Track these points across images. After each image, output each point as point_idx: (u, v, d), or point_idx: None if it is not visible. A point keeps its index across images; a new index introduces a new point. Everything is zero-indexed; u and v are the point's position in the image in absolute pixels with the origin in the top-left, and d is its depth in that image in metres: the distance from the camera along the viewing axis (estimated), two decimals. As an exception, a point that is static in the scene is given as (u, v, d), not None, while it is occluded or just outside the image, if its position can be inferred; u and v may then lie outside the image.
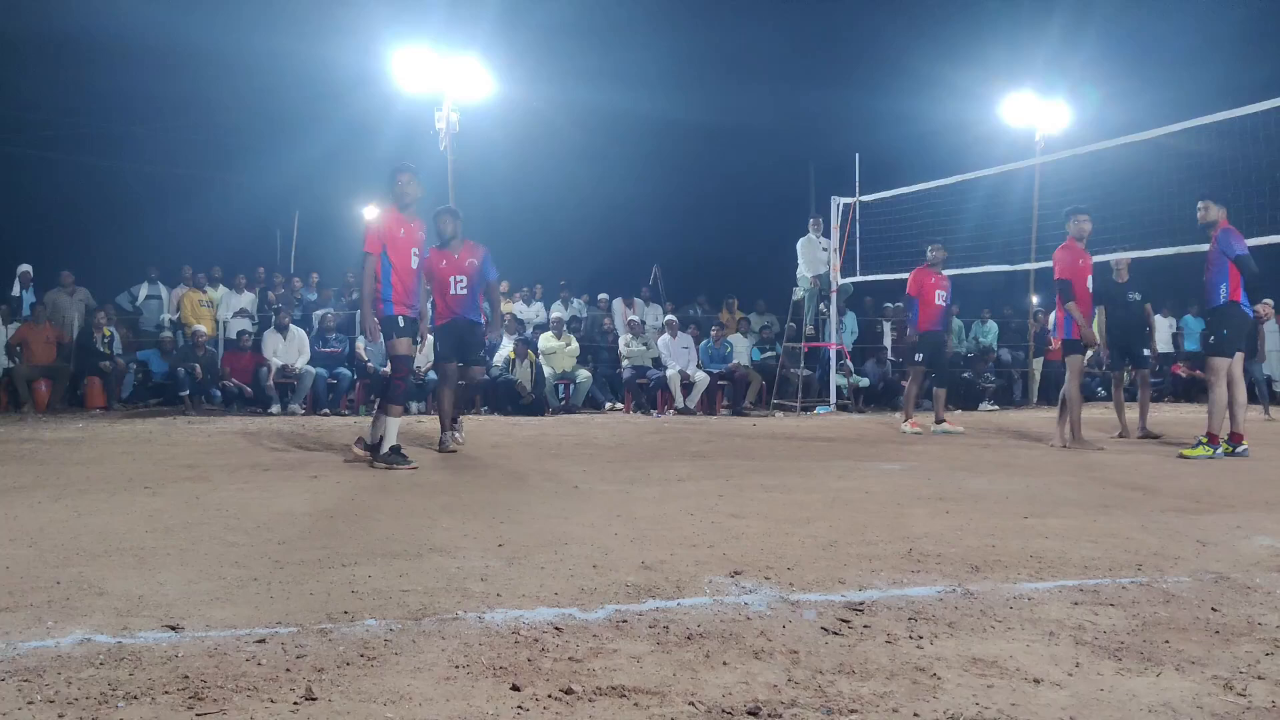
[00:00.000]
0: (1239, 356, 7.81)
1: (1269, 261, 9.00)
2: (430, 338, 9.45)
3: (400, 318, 6.83)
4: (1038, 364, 16.51)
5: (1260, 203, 8.54)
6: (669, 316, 14.75)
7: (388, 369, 7.61)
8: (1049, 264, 8.84)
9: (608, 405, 14.05)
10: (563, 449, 8.05)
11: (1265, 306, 7.71)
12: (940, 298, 10.45)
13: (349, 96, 19.35)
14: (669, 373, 13.58)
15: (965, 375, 15.28)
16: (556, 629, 2.66)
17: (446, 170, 14.46)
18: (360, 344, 13.18)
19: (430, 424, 9.45)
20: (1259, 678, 2.34)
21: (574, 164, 23.56)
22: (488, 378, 13.22)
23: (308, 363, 12.96)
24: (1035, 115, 16.82)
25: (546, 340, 13.82)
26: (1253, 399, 12.41)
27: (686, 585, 3.16)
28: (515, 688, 2.21)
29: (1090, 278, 8.60)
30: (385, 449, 6.60)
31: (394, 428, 6.67)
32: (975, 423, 11.47)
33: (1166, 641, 2.61)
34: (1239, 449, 7.60)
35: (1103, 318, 10.06)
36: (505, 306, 15.48)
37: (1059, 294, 8.60)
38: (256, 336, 13.66)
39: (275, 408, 12.62)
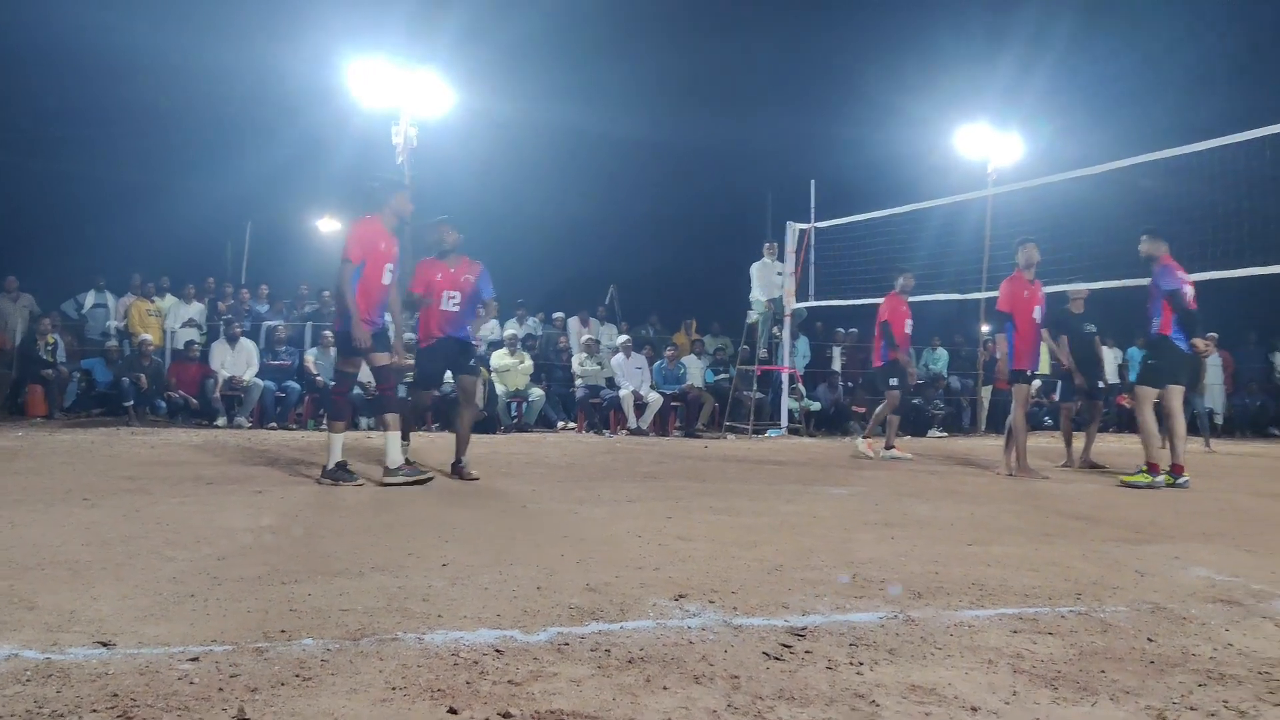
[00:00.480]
0: (1178, 390, 7.92)
1: (1214, 296, 9.21)
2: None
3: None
4: (986, 392, 16.71)
5: (1204, 239, 8.73)
6: (624, 337, 14.77)
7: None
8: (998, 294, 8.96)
9: (560, 424, 14.02)
10: (513, 467, 8.01)
11: (1203, 342, 7.81)
12: (908, 325, 10.57)
13: (305, 108, 19.23)
14: (622, 393, 13.58)
15: (915, 402, 15.41)
16: (497, 651, 2.63)
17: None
18: (310, 357, 13.05)
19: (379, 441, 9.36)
20: (1191, 709, 2.37)
21: (534, 181, 23.54)
22: (439, 394, 13.15)
23: (256, 375, 12.80)
24: (989, 147, 17.08)
25: (500, 357, 13.76)
26: (1194, 431, 12.66)
27: (630, 608, 3.15)
28: (452, 710, 2.19)
29: (1039, 308, 8.71)
30: (330, 465, 6.49)
31: (338, 444, 6.56)
32: (924, 449, 11.58)
33: (1102, 671, 2.64)
34: (1180, 480, 7.71)
35: (1065, 346, 10.15)
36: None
37: (1002, 321, 8.74)
38: (205, 347, 13.47)
39: (221, 420, 12.45)
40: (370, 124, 15.24)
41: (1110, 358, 17.92)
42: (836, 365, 16.30)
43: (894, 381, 10.46)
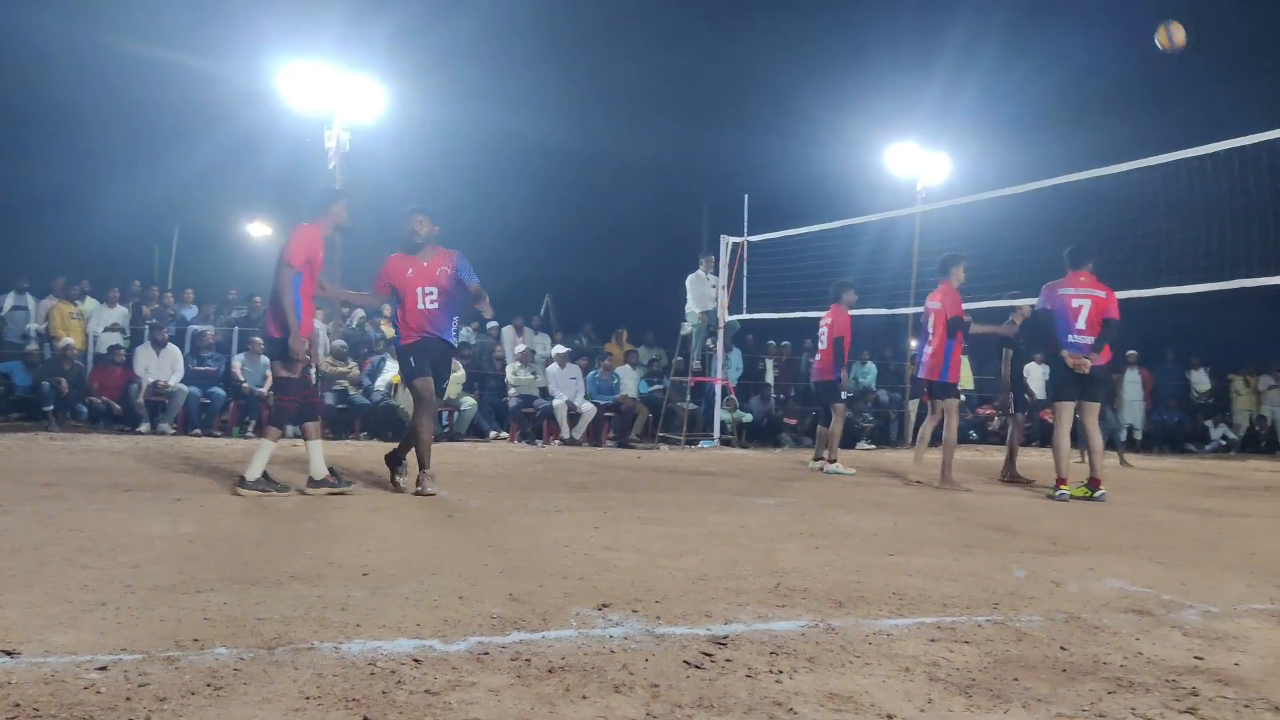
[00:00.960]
0: (1094, 406, 8.08)
1: (1133, 315, 9.47)
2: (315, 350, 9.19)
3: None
4: (914, 405, 16.96)
5: (1122, 259, 8.97)
6: (559, 347, 14.74)
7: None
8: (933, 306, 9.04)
9: (492, 434, 13.93)
10: (442, 477, 7.91)
11: (1072, 357, 7.96)
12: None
13: (236, 111, 18.89)
14: (556, 403, 13.54)
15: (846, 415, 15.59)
16: (415, 660, 2.60)
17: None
18: (237, 363, 12.83)
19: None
20: (1100, 716, 2.42)
21: (469, 189, 23.44)
22: (368, 402, 13.00)
23: (181, 381, 12.54)
24: (918, 165, 17.38)
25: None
26: (1112, 446, 12.99)
27: (553, 617, 3.13)
28: (366, 720, 2.16)
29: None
30: (253, 475, 6.21)
31: (267, 452, 6.37)
32: (851, 461, 11.70)
33: (1016, 679, 2.68)
34: (1096, 494, 7.89)
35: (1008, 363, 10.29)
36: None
37: (949, 331, 8.69)
38: (129, 352, 13.15)
39: (144, 426, 12.17)
40: (303, 127, 15.06)
41: (1037, 372, 18.33)
42: (769, 378, 16.43)
43: (845, 395, 10.57)
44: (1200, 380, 19.17)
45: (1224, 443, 18.34)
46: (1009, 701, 2.49)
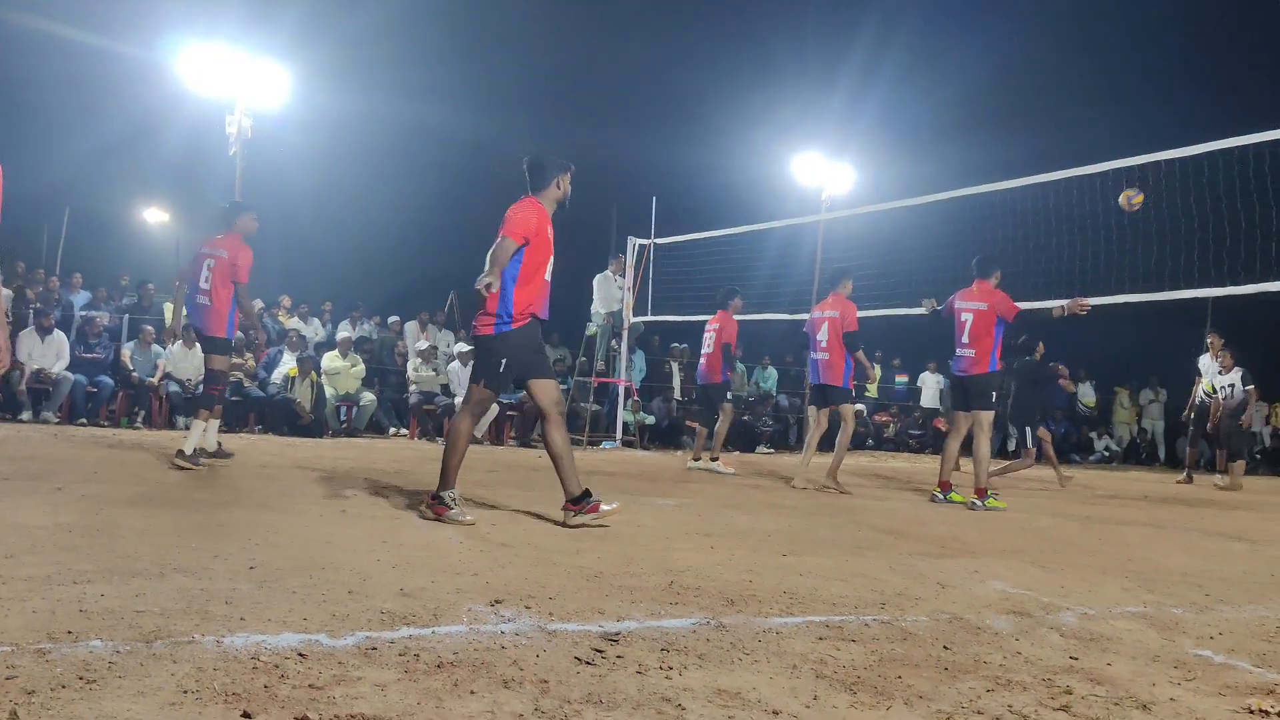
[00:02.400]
0: (984, 415, 8.23)
1: (1023, 328, 9.77)
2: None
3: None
4: (813, 410, 17.22)
5: (1014, 272, 9.24)
6: (460, 345, 14.59)
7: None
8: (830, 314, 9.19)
9: (392, 430, 13.74)
10: (337, 473, 7.79)
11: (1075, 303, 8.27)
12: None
13: (131, 91, 18.28)
14: (457, 400, 13.40)
15: (745, 418, 15.77)
16: (300, 655, 2.55)
17: (235, 176, 13.87)
18: (127, 351, 12.43)
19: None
20: (978, 713, 2.48)
21: (376, 181, 23.08)
22: (264, 395, 12.71)
23: (66, 368, 12.09)
24: (823, 175, 17.66)
25: (331, 360, 13.40)
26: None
27: (444, 613, 3.10)
28: (246, 715, 2.11)
29: None
30: (189, 450, 7.42)
31: (200, 431, 7.67)
32: (751, 464, 11.84)
33: (899, 677, 2.75)
34: (980, 502, 7.94)
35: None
36: (286, 321, 14.95)
37: (848, 343, 8.89)
38: (11, 337, 12.60)
39: (26, 414, 11.69)
40: (203, 111, 14.66)
41: (931, 382, 18.82)
42: (674, 380, 16.52)
43: (730, 396, 10.69)
44: (1086, 393, 19.86)
45: (1107, 454, 19.02)
46: (892, 698, 2.55)
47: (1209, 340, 13.29)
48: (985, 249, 8.85)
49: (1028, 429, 11.00)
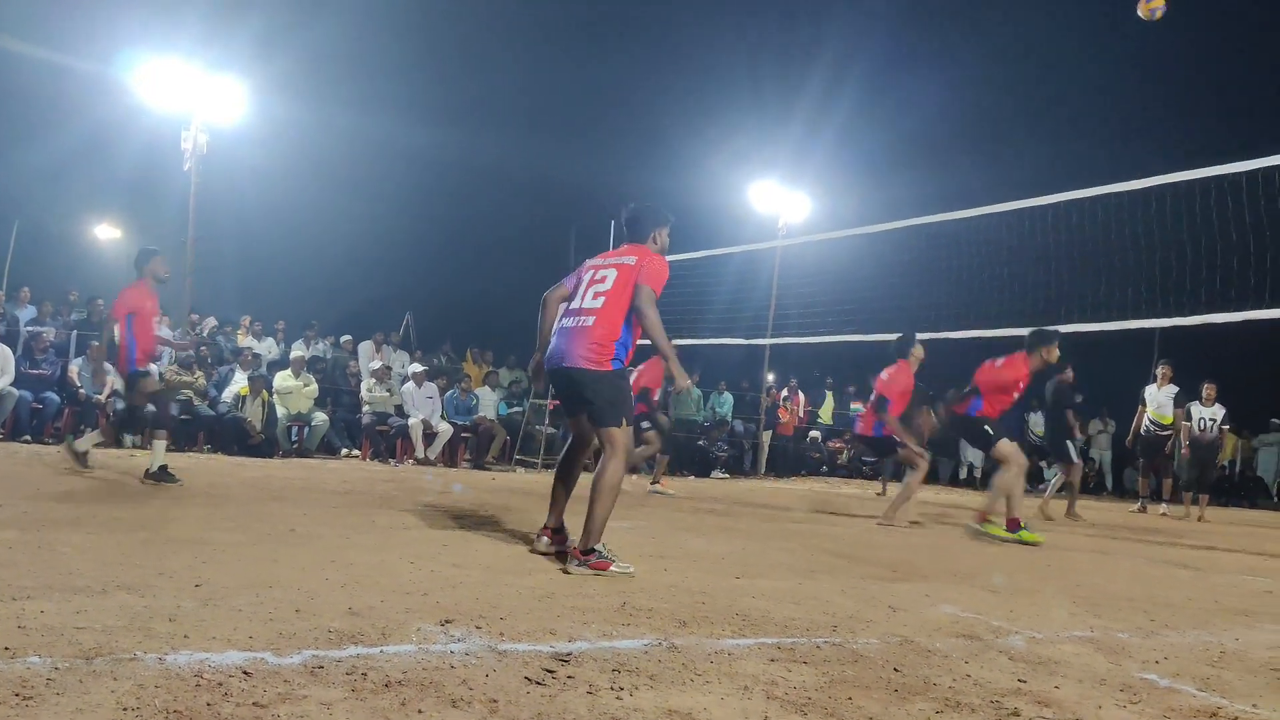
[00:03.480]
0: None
1: (975, 355, 9.88)
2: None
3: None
4: (768, 436, 17.31)
5: (967, 300, 9.39)
6: (415, 365, 14.49)
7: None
8: (787, 340, 9.27)
9: (344, 451, 13.58)
10: (287, 492, 7.69)
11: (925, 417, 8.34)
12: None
13: (85, 106, 18.04)
14: (411, 422, 13.31)
15: (700, 443, 15.79)
16: (245, 673, 2.51)
17: (190, 192, 13.73)
18: (74, 368, 12.21)
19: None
20: (927, 733, 2.50)
21: (333, 200, 22.95)
22: (214, 414, 12.53)
23: (11, 384, 11.83)
24: (779, 202, 17.81)
25: (283, 379, 13.24)
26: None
27: (393, 632, 3.06)
28: (187, 733, 2.07)
29: None
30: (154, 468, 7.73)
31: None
32: (706, 490, 11.86)
33: (850, 699, 2.75)
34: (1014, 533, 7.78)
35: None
36: (240, 340, 14.78)
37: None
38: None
39: (-33, 430, 11.44)
40: (158, 126, 14.51)
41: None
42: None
43: (645, 425, 10.68)
44: (1037, 422, 20.08)
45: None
46: (842, 719, 2.55)
47: (1159, 370, 13.43)
48: (937, 277, 8.94)
49: (1069, 444, 11.05)
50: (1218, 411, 13.16)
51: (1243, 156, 8.13)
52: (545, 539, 5.24)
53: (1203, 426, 13.11)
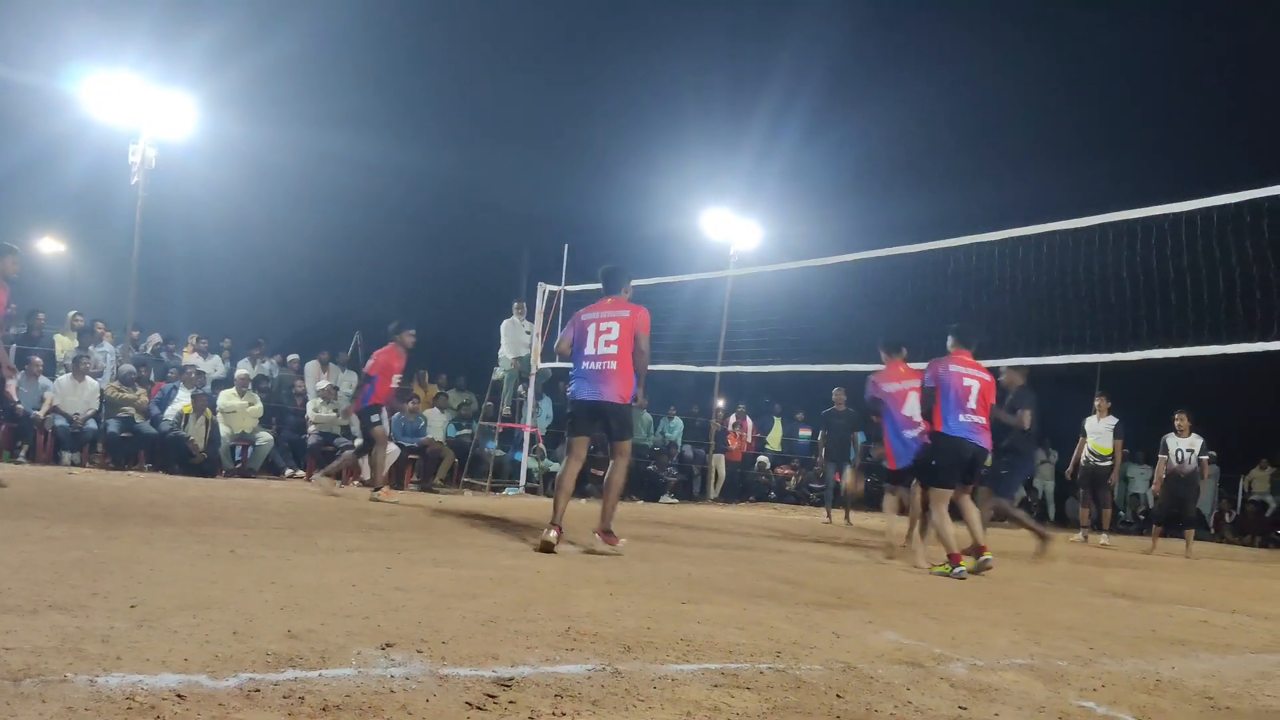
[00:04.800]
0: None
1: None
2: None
3: None
4: (718, 460, 17.35)
5: (916, 332, 9.50)
6: (365, 386, 14.34)
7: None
8: (737, 368, 9.29)
9: (288, 471, 13.40)
10: (228, 513, 7.57)
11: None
12: (396, 380, 11.09)
13: (31, 120, 17.73)
14: (358, 443, 13.15)
15: (650, 468, 15.79)
16: (179, 696, 2.45)
17: (137, 207, 13.54)
18: (11, 385, 11.94)
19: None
20: (867, 759, 2.50)
21: (283, 216, 22.74)
22: (155, 432, 12.31)
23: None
24: (731, 231, 17.95)
25: (227, 398, 13.06)
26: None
27: (332, 656, 3.02)
28: (116, 757, 2.02)
29: None
30: None
31: None
32: (654, 514, 11.83)
33: (791, 724, 2.75)
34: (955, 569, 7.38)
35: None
36: (185, 357, 14.56)
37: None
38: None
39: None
40: (106, 140, 14.31)
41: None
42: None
43: (375, 419, 10.72)
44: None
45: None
46: (784, 745, 2.56)
47: (1097, 402, 13.62)
48: (884, 309, 9.01)
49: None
50: (1195, 442, 12.83)
51: (1182, 197, 8.35)
52: (554, 533, 6.69)
53: (1181, 458, 12.83)
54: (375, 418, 10.67)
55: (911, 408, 8.14)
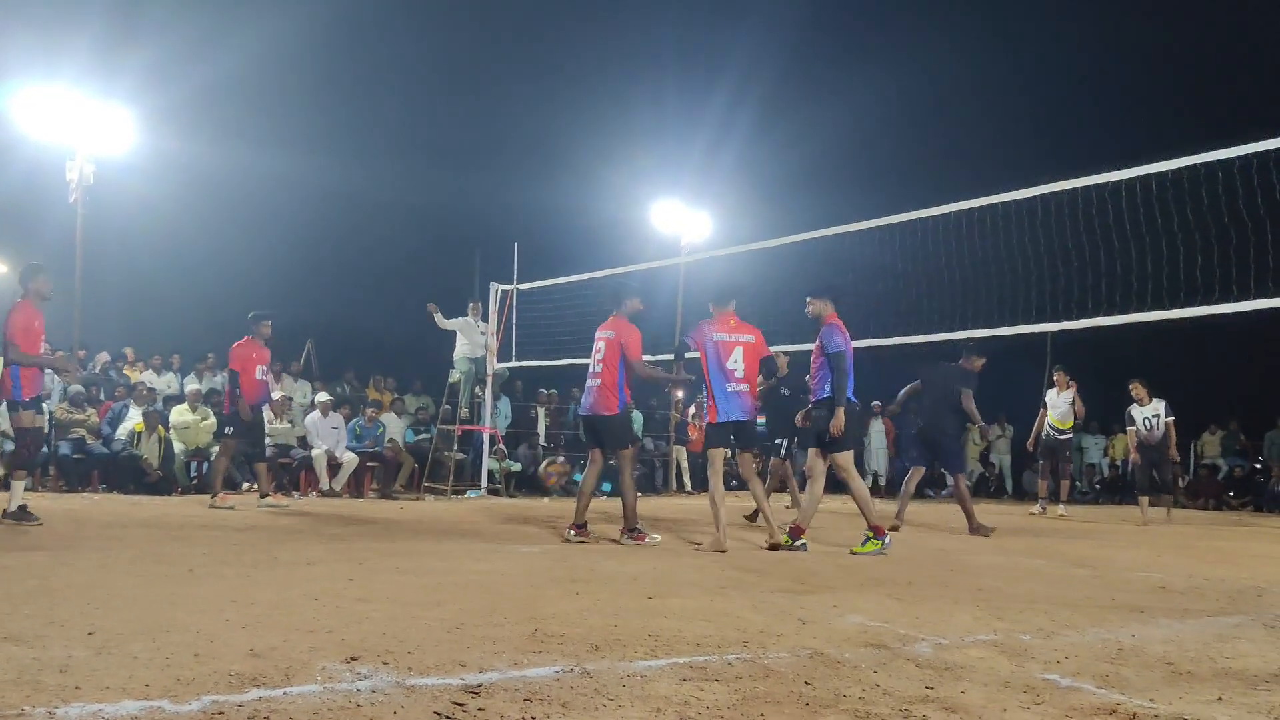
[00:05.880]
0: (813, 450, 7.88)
1: (879, 363, 10.09)
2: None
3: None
4: (679, 452, 17.37)
5: (866, 311, 9.58)
6: (322, 395, 14.20)
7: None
8: (693, 356, 9.16)
9: (245, 485, 13.23)
10: (185, 531, 7.47)
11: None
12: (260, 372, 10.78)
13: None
14: (315, 453, 13.03)
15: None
16: (140, 724, 2.42)
17: (76, 225, 13.28)
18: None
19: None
20: (838, 745, 2.52)
21: (229, 229, 22.38)
22: (108, 452, 12.12)
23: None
24: (682, 222, 17.97)
25: (180, 413, 12.87)
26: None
27: (297, 673, 2.99)
28: (77, 791, 1.98)
29: None
30: (13, 507, 7.63)
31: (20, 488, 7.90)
32: (616, 508, 11.78)
33: (762, 715, 2.77)
34: (797, 543, 7.46)
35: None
36: (134, 375, 14.33)
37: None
38: None
39: None
40: (40, 157, 14.01)
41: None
42: (540, 426, 16.41)
43: (229, 430, 10.54)
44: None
45: (958, 488, 19.65)
46: (754, 736, 2.57)
47: (1055, 376, 13.76)
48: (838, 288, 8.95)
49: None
50: (1158, 406, 12.78)
51: (1119, 165, 8.49)
52: (573, 533, 7.65)
53: (1149, 425, 12.83)
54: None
55: (735, 361, 7.75)
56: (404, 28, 25.86)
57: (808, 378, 8.06)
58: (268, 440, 13.31)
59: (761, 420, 9.18)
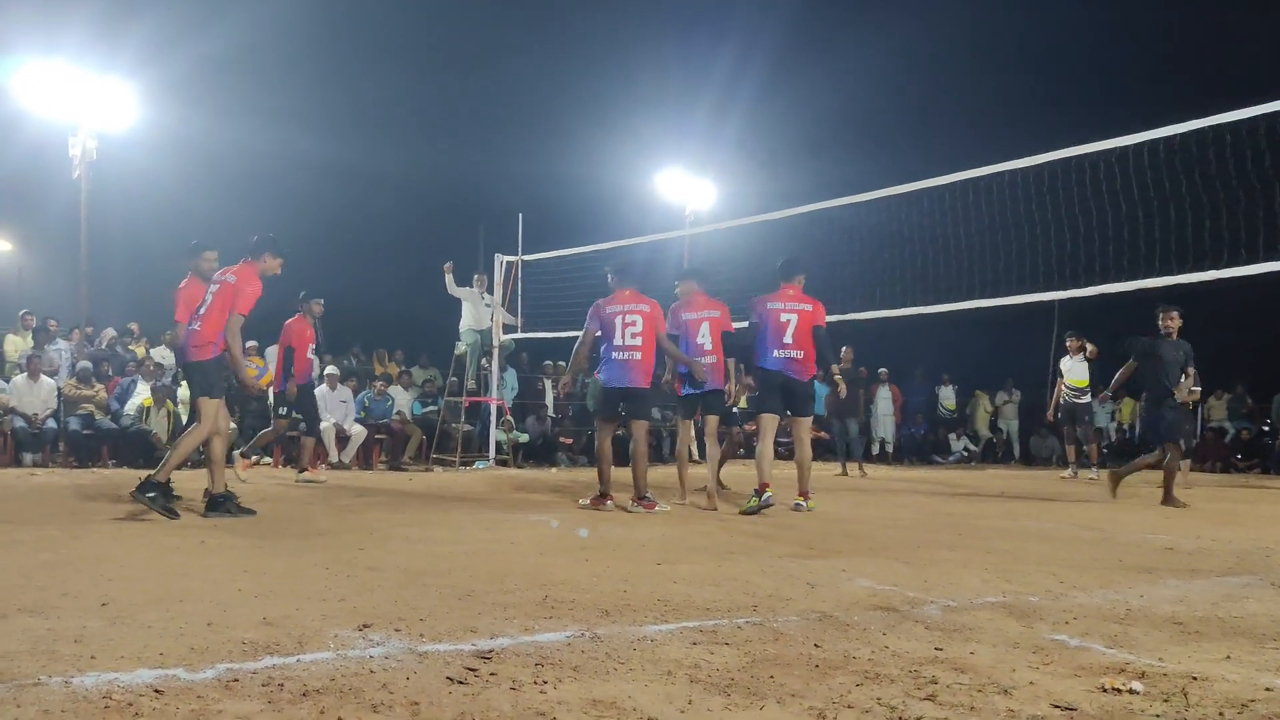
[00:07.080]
0: (803, 420, 8.33)
1: (886, 334, 10.07)
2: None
3: None
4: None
5: (871, 281, 9.56)
6: (330, 368, 14.22)
7: None
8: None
9: (255, 459, 13.27)
10: (196, 504, 7.49)
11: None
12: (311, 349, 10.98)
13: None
14: (324, 426, 13.05)
15: (620, 432, 15.77)
16: (156, 691, 2.44)
17: (80, 200, 13.29)
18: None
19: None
20: (849, 707, 2.53)
21: (234, 203, 22.39)
22: (116, 427, 12.17)
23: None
24: (686, 191, 17.92)
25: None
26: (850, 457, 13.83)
27: (309, 640, 3.01)
28: (96, 756, 2.00)
29: None
30: None
31: None
32: (624, 478, 11.82)
33: (772, 677, 2.78)
34: (764, 497, 7.53)
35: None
36: (140, 350, 14.35)
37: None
38: None
39: None
40: (44, 133, 14.00)
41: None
42: (548, 397, 16.42)
43: (283, 411, 10.76)
44: (947, 396, 20.54)
45: (966, 454, 19.70)
46: (765, 698, 2.58)
47: (1068, 342, 13.73)
48: (840, 260, 9.00)
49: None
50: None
51: (1126, 130, 8.43)
52: (611, 502, 7.84)
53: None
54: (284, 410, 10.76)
55: (704, 336, 8.37)
56: (403, 6, 25.72)
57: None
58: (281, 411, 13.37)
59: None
